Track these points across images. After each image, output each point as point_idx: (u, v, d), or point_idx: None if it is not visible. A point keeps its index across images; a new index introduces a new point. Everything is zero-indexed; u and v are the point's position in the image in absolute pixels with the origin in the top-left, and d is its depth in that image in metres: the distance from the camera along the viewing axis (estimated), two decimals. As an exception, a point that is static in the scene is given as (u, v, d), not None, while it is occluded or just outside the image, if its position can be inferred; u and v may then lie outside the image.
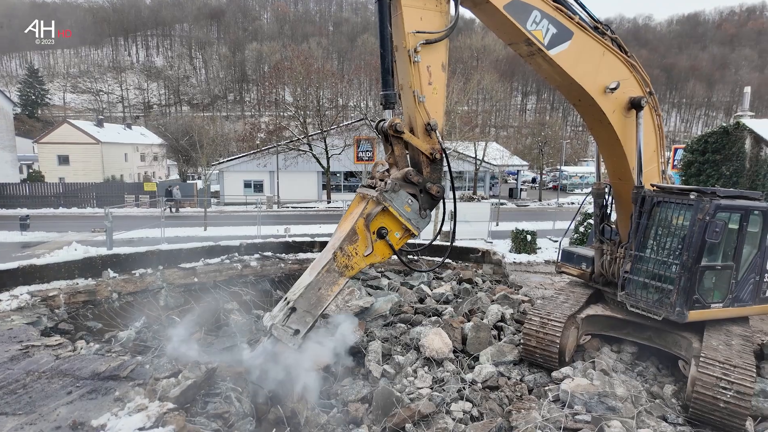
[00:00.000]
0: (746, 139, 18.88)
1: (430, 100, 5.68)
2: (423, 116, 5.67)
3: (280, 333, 5.48)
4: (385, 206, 5.57)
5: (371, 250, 5.65)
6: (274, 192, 40.29)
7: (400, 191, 5.65)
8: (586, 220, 18.83)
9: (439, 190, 5.89)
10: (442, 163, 5.91)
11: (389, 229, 5.71)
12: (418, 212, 5.81)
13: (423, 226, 5.91)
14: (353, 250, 5.61)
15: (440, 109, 5.85)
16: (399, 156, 5.86)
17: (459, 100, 28.27)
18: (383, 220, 5.67)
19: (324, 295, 5.61)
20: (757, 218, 7.29)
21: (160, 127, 62.10)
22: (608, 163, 7.88)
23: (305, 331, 5.55)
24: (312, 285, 5.54)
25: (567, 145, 57.22)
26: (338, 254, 5.56)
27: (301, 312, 5.52)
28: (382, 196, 5.56)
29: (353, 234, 5.61)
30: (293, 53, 41.81)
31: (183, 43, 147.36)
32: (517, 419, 6.02)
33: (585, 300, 8.41)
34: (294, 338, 5.49)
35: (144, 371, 5.48)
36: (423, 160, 5.81)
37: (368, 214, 5.58)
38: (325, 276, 5.58)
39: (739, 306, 7.47)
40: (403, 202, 5.70)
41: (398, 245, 5.85)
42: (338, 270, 5.60)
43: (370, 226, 5.58)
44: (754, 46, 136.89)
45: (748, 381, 6.03)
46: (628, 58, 7.05)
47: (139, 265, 10.24)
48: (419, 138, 5.75)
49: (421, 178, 5.78)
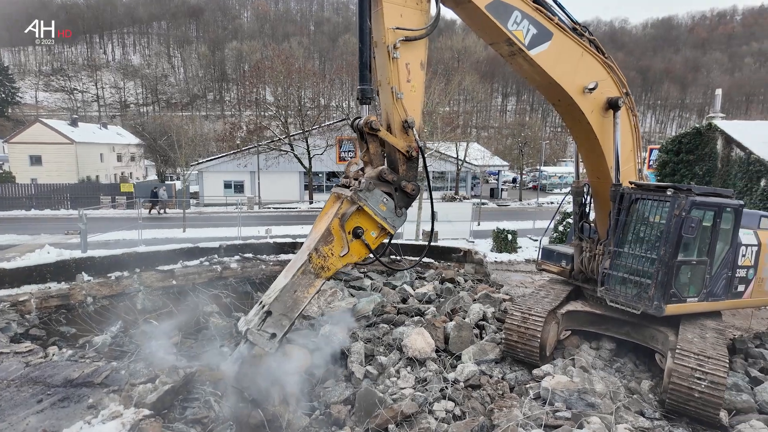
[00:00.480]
0: (718, 140, 19.46)
1: (408, 97, 5.66)
2: (400, 113, 5.65)
3: (255, 338, 5.37)
4: (359, 206, 5.53)
5: (347, 251, 5.59)
6: (255, 192, 39.84)
7: (374, 190, 5.60)
8: (565, 219, 19.16)
9: (414, 188, 5.86)
10: (419, 161, 5.89)
11: (365, 229, 5.66)
12: (394, 211, 5.77)
13: (399, 225, 5.88)
14: (329, 250, 5.55)
15: (418, 107, 5.85)
16: (374, 154, 5.81)
17: (440, 100, 28.38)
18: (358, 219, 5.62)
19: (300, 298, 5.54)
20: (729, 215, 7.50)
21: (138, 126, 60.66)
22: (587, 162, 8.02)
23: (282, 334, 5.47)
24: (287, 288, 5.46)
25: (546, 146, 58.11)
26: (313, 255, 5.50)
27: (276, 315, 5.43)
28: (357, 195, 5.51)
29: (328, 234, 5.54)
30: (274, 52, 41.45)
31: (161, 41, 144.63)
32: (498, 417, 6.07)
33: (565, 296, 8.54)
34: (270, 342, 5.40)
35: (119, 377, 5.33)
36: (399, 158, 5.78)
37: (343, 213, 5.53)
38: (300, 278, 5.51)
39: (712, 300, 7.68)
40: (378, 201, 5.65)
41: (375, 244, 5.81)
42: (314, 271, 5.53)
43: (345, 226, 5.52)
44: (724, 50, 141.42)
45: (722, 371, 6.20)
46: (606, 59, 7.18)
47: (116, 268, 9.98)
48: (396, 135, 5.72)
49: (395, 177, 5.74)
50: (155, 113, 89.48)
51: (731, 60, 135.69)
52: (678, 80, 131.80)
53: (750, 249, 8.06)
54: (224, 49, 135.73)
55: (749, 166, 17.67)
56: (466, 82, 46.33)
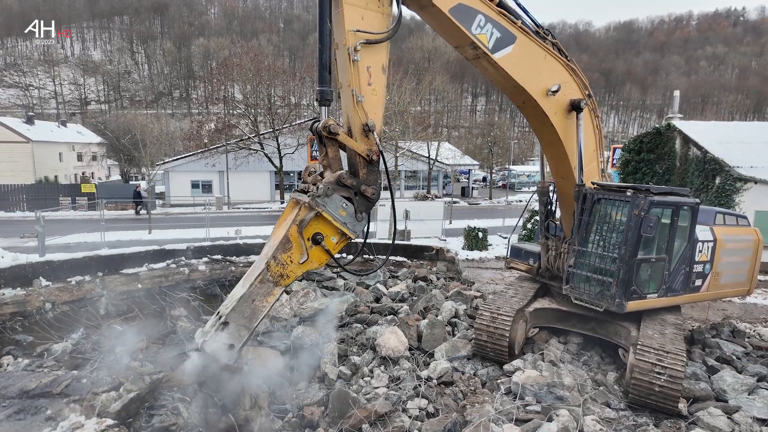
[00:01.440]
0: (676, 140, 20.31)
1: (369, 100, 5.61)
2: (361, 116, 5.58)
3: (213, 349, 5.24)
4: (318, 212, 5.45)
5: (307, 257, 5.50)
6: (224, 192, 39.01)
7: (333, 195, 5.52)
8: (533, 217, 19.58)
9: (375, 192, 5.78)
10: (379, 164, 5.84)
11: (325, 235, 5.58)
12: (354, 215, 5.69)
13: (360, 230, 5.82)
14: (287, 258, 5.45)
15: (379, 111, 5.80)
16: (333, 158, 5.73)
17: (412, 100, 28.52)
18: (317, 225, 5.54)
19: (259, 307, 5.42)
20: (687, 213, 7.82)
21: (99, 125, 58.29)
22: (551, 162, 8.21)
23: (240, 345, 5.35)
24: (245, 297, 5.34)
25: (515, 145, 59.28)
26: (272, 264, 5.39)
27: (234, 326, 5.30)
28: (315, 201, 5.42)
29: (286, 242, 5.45)
30: (242, 50, 40.65)
31: (123, 36, 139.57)
32: (471, 413, 6.14)
33: (533, 294, 8.72)
34: (229, 353, 5.28)
35: (81, 386, 5.11)
36: (359, 162, 5.70)
37: (301, 220, 5.44)
38: (258, 287, 5.40)
39: (672, 296, 7.99)
40: (338, 206, 5.57)
41: (335, 250, 5.73)
42: (273, 280, 5.43)
43: (303, 232, 5.44)
44: (681, 53, 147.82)
45: (680, 365, 6.47)
46: (568, 61, 7.35)
47: (76, 272, 9.57)
48: (356, 139, 5.65)
49: (355, 181, 5.66)
50: (118, 111, 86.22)
51: (687, 63, 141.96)
52: (639, 82, 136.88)
53: (706, 245, 8.44)
54: (191, 45, 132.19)
55: (705, 165, 18.53)
56: (437, 82, 46.73)
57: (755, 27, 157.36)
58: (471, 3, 6.15)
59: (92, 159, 57.89)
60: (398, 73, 26.27)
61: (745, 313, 12.41)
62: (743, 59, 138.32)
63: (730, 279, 9.08)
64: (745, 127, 25.06)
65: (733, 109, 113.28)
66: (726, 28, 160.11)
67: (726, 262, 8.80)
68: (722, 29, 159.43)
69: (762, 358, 8.57)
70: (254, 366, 6.83)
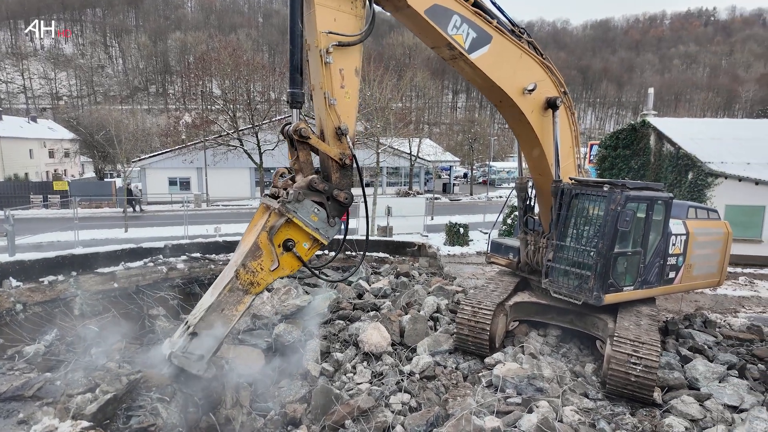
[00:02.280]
0: (651, 136, 20.81)
1: (342, 103, 5.51)
2: (333, 120, 5.47)
3: (181, 361, 5.15)
4: (288, 218, 5.33)
5: (278, 264, 5.39)
6: (203, 190, 38.37)
7: (304, 201, 5.40)
8: (512, 213, 19.83)
9: (347, 196, 5.68)
10: (352, 168, 5.74)
11: (296, 241, 5.47)
12: (326, 221, 5.59)
13: (332, 235, 5.72)
14: (258, 265, 5.33)
15: (352, 114, 5.71)
16: (304, 162, 5.58)
17: (393, 96, 28.50)
18: (288, 231, 5.42)
19: (228, 316, 5.31)
20: (661, 207, 8.02)
21: (72, 120, 56.55)
22: (529, 159, 8.32)
23: (210, 355, 5.27)
24: (213, 307, 5.23)
25: (495, 142, 59.88)
26: (241, 272, 5.27)
27: (203, 336, 5.21)
28: (285, 207, 5.31)
29: (256, 249, 5.32)
30: (221, 44, 39.84)
31: (96, 29, 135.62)
32: (453, 407, 6.20)
33: (512, 288, 8.84)
34: (198, 364, 5.20)
35: (54, 388, 4.97)
36: (332, 166, 5.60)
37: (271, 227, 5.31)
38: (227, 296, 5.28)
39: (647, 288, 8.20)
40: (309, 211, 5.46)
41: (307, 256, 5.64)
42: (242, 288, 5.31)
43: (274, 239, 5.31)
44: (655, 52, 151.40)
45: (654, 356, 6.65)
46: (543, 60, 7.43)
47: (49, 272, 9.29)
48: (329, 142, 5.54)
49: (327, 186, 5.52)
50: (91, 106, 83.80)
51: (661, 61, 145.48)
52: (615, 79, 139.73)
53: (679, 238, 8.67)
54: (167, 39, 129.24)
55: (678, 160, 19.04)
56: (418, 78, 46.80)
57: (725, 27, 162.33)
58: (446, 4, 6.14)
59: (65, 156, 56.26)
60: (379, 69, 26.16)
61: (716, 304, 12.82)
62: (714, 58, 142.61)
63: (702, 271, 9.35)
64: (715, 124, 25.83)
65: (704, 107, 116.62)
66: (698, 28, 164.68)
67: (698, 254, 9.06)
68: (694, 29, 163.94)
69: (732, 347, 8.87)
70: (235, 364, 6.75)
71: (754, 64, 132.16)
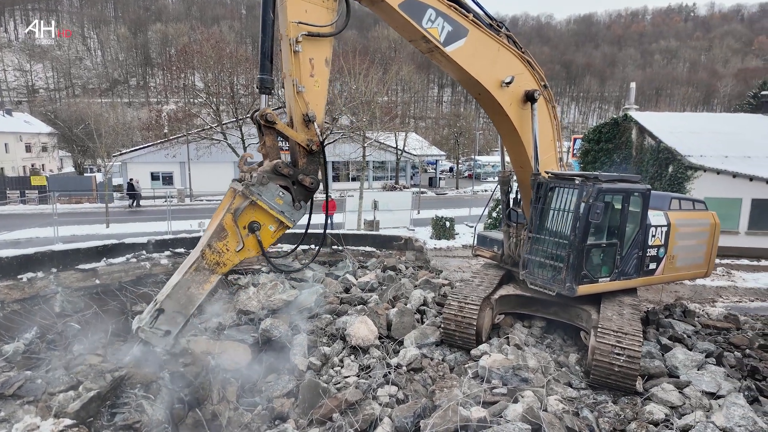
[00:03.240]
0: (633, 130, 21.15)
1: (311, 92, 5.65)
2: (301, 106, 5.61)
3: (148, 335, 5.23)
4: (252, 200, 5.46)
5: (242, 246, 5.52)
6: (186, 184, 37.83)
7: (269, 184, 5.53)
8: (497, 206, 20.01)
9: (313, 181, 5.81)
10: (320, 155, 5.88)
11: (262, 223, 5.60)
12: (292, 204, 5.72)
13: (298, 218, 5.85)
14: (223, 246, 5.47)
15: (321, 102, 5.84)
16: (270, 147, 5.72)
17: (379, 90, 28.40)
18: (254, 214, 5.55)
19: (194, 295, 5.43)
20: (638, 199, 8.11)
21: (49, 114, 54.99)
22: (510, 152, 8.40)
23: (176, 331, 5.36)
24: (180, 284, 5.36)
25: (480, 136, 60.16)
26: (207, 252, 5.41)
27: (170, 313, 5.31)
28: (249, 190, 5.43)
29: (221, 230, 5.46)
30: (203, 36, 39.15)
31: (73, 20, 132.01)
32: (440, 398, 6.26)
33: (498, 281, 8.91)
34: (164, 339, 5.28)
35: (35, 387, 4.88)
36: (299, 151, 5.75)
37: (236, 209, 5.44)
38: (193, 275, 5.41)
39: (624, 279, 8.28)
40: (274, 194, 5.59)
41: (274, 238, 5.77)
42: (208, 267, 5.45)
43: (238, 221, 5.45)
44: (637, 47, 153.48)
45: (637, 346, 6.78)
46: (522, 53, 7.48)
47: (27, 268, 9.06)
48: (297, 129, 5.68)
49: (292, 170, 5.67)
50: (69, 99, 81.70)
51: (643, 56, 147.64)
52: (598, 74, 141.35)
53: (660, 229, 8.76)
54: (147, 31, 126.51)
55: (659, 154, 19.40)
56: (404, 72, 46.69)
57: (705, 22, 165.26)
58: None
59: (42, 150, 54.83)
60: (364, 63, 26.03)
61: (695, 294, 13.16)
62: (693, 53, 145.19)
63: (687, 262, 9.34)
64: (695, 118, 26.35)
65: (684, 101, 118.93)
66: (678, 23, 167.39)
67: (681, 245, 9.06)
68: (674, 24, 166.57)
69: (710, 335, 9.13)
70: (222, 360, 6.71)
71: (732, 59, 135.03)
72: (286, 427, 5.43)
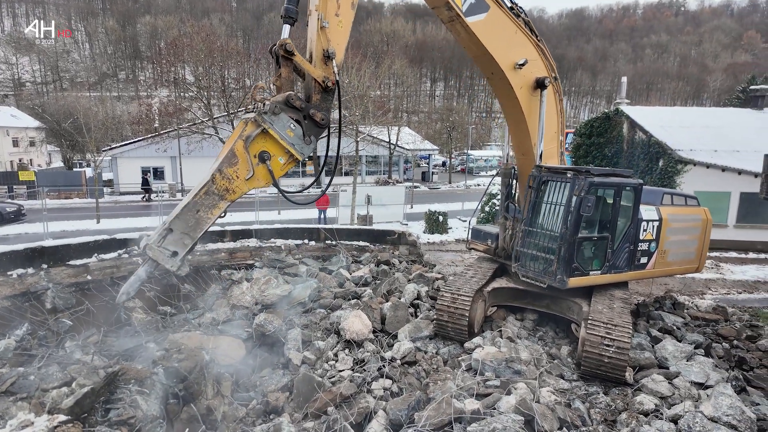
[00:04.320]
0: (624, 124, 21.29)
1: (334, 30, 5.72)
2: (323, 42, 5.65)
3: (155, 253, 5.21)
4: (264, 128, 5.41)
5: (252, 174, 5.47)
6: (177, 179, 37.50)
7: (280, 114, 5.48)
8: (491, 200, 20.09)
9: (324, 117, 5.78)
10: (334, 94, 5.87)
11: (272, 154, 5.55)
12: (302, 138, 5.68)
13: (308, 152, 5.83)
14: (233, 172, 5.42)
15: (342, 43, 5.90)
16: (285, 79, 5.65)
17: (371, 84, 28.29)
18: (264, 143, 5.51)
19: (203, 218, 5.38)
20: (630, 193, 8.20)
21: (37, 107, 54.12)
22: (514, 138, 8.50)
23: (183, 253, 5.33)
24: (189, 206, 5.30)
25: (473, 131, 60.22)
26: (217, 176, 5.35)
27: (178, 234, 5.28)
28: (261, 117, 5.38)
29: (232, 156, 5.41)
30: (193, 29, 38.67)
31: (60, 12, 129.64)
32: (434, 390, 6.31)
33: (491, 274, 8.98)
34: (172, 260, 5.25)
35: (28, 383, 4.85)
36: (315, 87, 5.73)
37: (247, 136, 5.38)
38: (203, 198, 5.35)
39: (616, 272, 8.38)
40: (285, 126, 5.55)
41: (283, 170, 5.73)
42: (218, 193, 5.39)
43: (249, 148, 5.40)
44: (628, 41, 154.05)
45: (626, 338, 6.88)
46: (538, 41, 7.64)
47: (17, 264, 8.96)
48: (315, 64, 5.68)
49: (304, 104, 5.61)
50: (57, 93, 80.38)
51: (634, 51, 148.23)
52: (589, 68, 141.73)
53: (651, 224, 8.84)
54: (136, 24, 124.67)
55: (650, 148, 19.56)
56: (396, 65, 46.48)
57: (695, 17, 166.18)
58: None
59: (30, 144, 54.01)
60: (357, 56, 25.90)
61: (684, 286, 13.34)
62: (684, 48, 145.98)
63: (678, 257, 9.42)
64: (685, 113, 26.58)
65: (674, 95, 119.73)
66: (669, 18, 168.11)
67: (673, 240, 9.15)
68: (665, 18, 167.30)
69: (698, 327, 9.27)
70: (216, 355, 6.70)
71: (722, 54, 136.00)
72: (281, 421, 5.45)
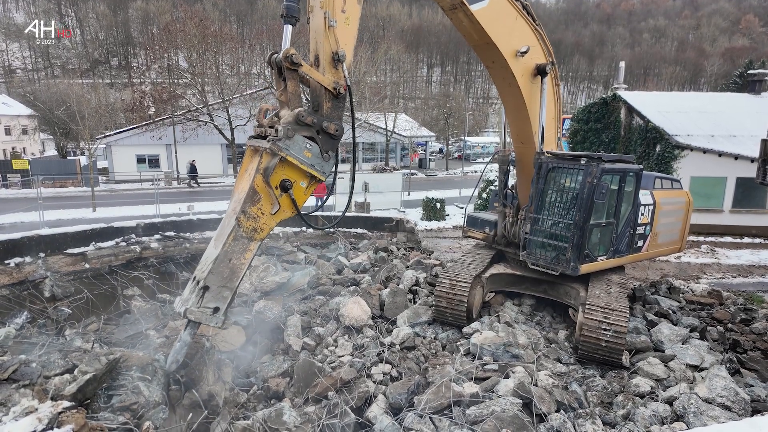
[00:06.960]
0: (621, 110, 21.22)
1: (342, 29, 5.23)
2: (332, 43, 5.17)
3: (197, 315, 5.05)
4: (282, 156, 5.06)
5: (278, 207, 5.19)
6: (173, 167, 37.29)
7: (295, 136, 5.09)
8: (488, 187, 20.11)
9: (338, 128, 5.37)
10: (345, 100, 5.47)
11: (293, 180, 5.23)
12: (320, 155, 5.33)
13: (329, 170, 5.50)
14: (258, 210, 5.14)
15: (350, 42, 5.46)
16: (292, 93, 5.19)
17: (368, 70, 28.09)
18: (284, 171, 5.16)
19: (237, 266, 5.19)
20: (632, 179, 8.27)
21: (28, 95, 53.46)
22: (513, 126, 8.42)
23: (225, 307, 5.18)
24: (221, 258, 5.08)
25: (470, 117, 59.95)
26: (242, 219, 5.08)
27: (215, 288, 5.09)
28: (277, 146, 5.01)
29: (254, 194, 5.10)
30: (186, 14, 38.08)
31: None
32: (433, 375, 6.38)
33: (489, 260, 9.04)
34: (215, 317, 5.11)
35: (30, 371, 4.87)
36: (324, 95, 5.26)
37: (265, 168, 5.04)
38: (232, 245, 5.11)
39: (618, 257, 8.53)
40: (302, 148, 5.17)
41: (307, 195, 5.44)
42: (246, 235, 5.14)
43: (270, 181, 5.07)
44: (626, 26, 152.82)
45: (623, 322, 6.96)
46: (537, 26, 7.54)
47: (14, 253, 8.93)
48: (324, 70, 5.23)
49: (315, 118, 5.19)
50: (49, 80, 79.27)
51: (631, 35, 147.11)
52: (586, 53, 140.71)
53: (647, 208, 9.00)
54: (127, 9, 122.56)
55: (647, 133, 19.55)
56: (392, 51, 46.05)
57: (692, 1, 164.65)
58: None
59: (23, 133, 53.46)
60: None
61: (680, 271, 13.46)
62: (681, 32, 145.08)
63: (666, 238, 9.79)
64: (682, 98, 26.50)
65: (672, 80, 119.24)
66: (666, 2, 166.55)
67: (663, 223, 9.47)
68: (663, 2, 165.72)
69: (694, 311, 9.38)
70: (216, 342, 6.74)
71: (719, 38, 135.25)
72: (282, 406, 5.51)
